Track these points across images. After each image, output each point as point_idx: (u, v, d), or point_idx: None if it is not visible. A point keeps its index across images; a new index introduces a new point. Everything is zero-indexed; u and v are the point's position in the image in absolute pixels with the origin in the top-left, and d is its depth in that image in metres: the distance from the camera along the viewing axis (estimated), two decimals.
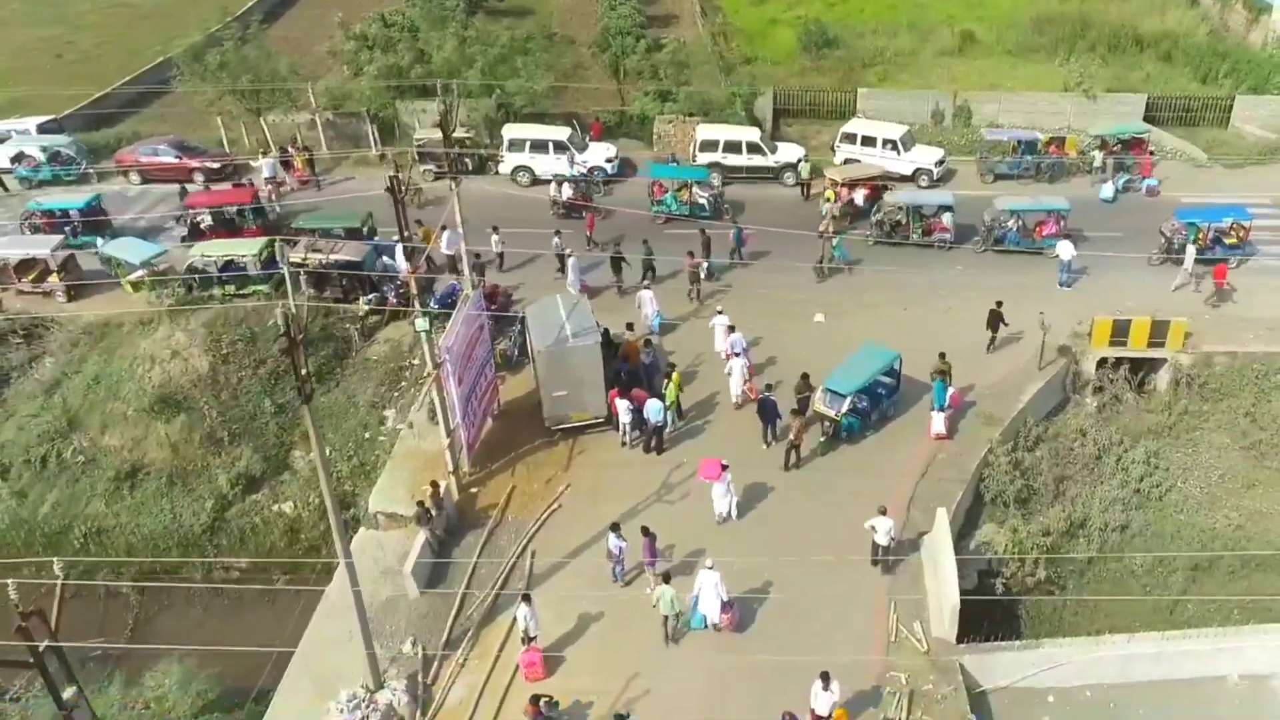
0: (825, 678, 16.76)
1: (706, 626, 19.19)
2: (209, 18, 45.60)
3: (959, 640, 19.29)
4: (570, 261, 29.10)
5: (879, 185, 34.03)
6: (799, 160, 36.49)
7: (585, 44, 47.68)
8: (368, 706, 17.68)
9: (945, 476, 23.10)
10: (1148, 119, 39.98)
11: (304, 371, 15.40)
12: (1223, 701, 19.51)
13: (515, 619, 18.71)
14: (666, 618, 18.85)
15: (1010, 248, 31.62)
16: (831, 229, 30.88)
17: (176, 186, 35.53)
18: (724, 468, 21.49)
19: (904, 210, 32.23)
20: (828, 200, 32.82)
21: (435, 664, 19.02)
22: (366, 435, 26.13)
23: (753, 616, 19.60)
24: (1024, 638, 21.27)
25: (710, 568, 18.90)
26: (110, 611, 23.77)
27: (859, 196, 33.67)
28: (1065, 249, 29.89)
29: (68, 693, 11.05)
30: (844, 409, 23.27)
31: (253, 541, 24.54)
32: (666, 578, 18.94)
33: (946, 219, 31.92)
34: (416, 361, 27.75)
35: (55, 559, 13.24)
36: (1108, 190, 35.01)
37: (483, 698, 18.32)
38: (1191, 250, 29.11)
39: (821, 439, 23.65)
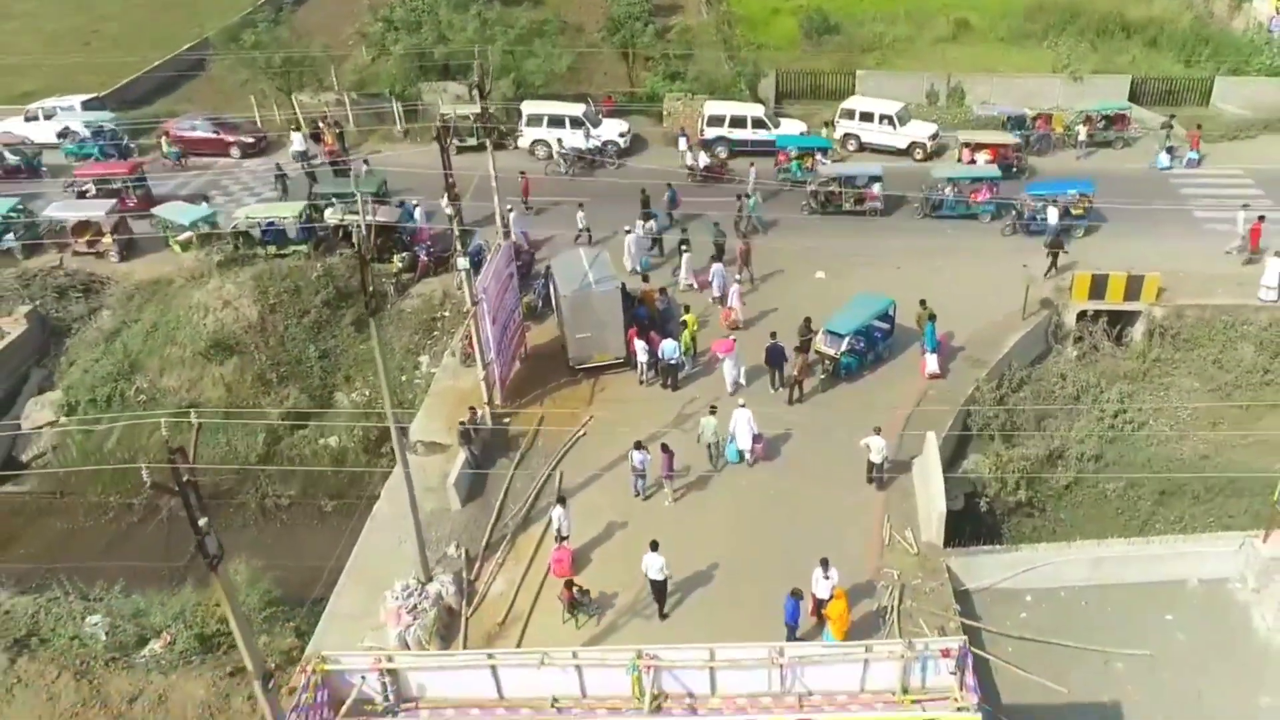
0: (824, 564, 18.92)
1: (740, 460, 22.87)
2: (244, 3, 47.90)
3: (945, 545, 21.57)
4: (512, 215, 31.39)
5: (1004, 150, 36.49)
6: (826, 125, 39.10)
7: (594, 30, 49.97)
8: (420, 595, 19.85)
9: (935, 409, 25.31)
10: (1132, 99, 42.29)
11: (370, 289, 17.49)
12: (1183, 602, 21.58)
13: (550, 519, 20.98)
14: (710, 445, 22.61)
15: (947, 213, 33.94)
16: (751, 188, 33.84)
17: (212, 158, 38.00)
18: (733, 342, 25.41)
19: (837, 181, 34.54)
20: (959, 161, 36.65)
21: (477, 563, 21.28)
22: (403, 378, 28.38)
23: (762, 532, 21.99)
24: None
25: (743, 405, 22.89)
26: (174, 532, 26.06)
27: (981, 159, 36.10)
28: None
29: (202, 521, 13.22)
30: (842, 348, 25.54)
31: (301, 471, 26.76)
32: (712, 410, 23.06)
33: (876, 188, 34.24)
34: (447, 314, 30.09)
35: (191, 409, 15.48)
36: (1164, 159, 37.35)
37: (520, 590, 20.56)
38: (1242, 215, 31.02)
39: (822, 376, 25.90)
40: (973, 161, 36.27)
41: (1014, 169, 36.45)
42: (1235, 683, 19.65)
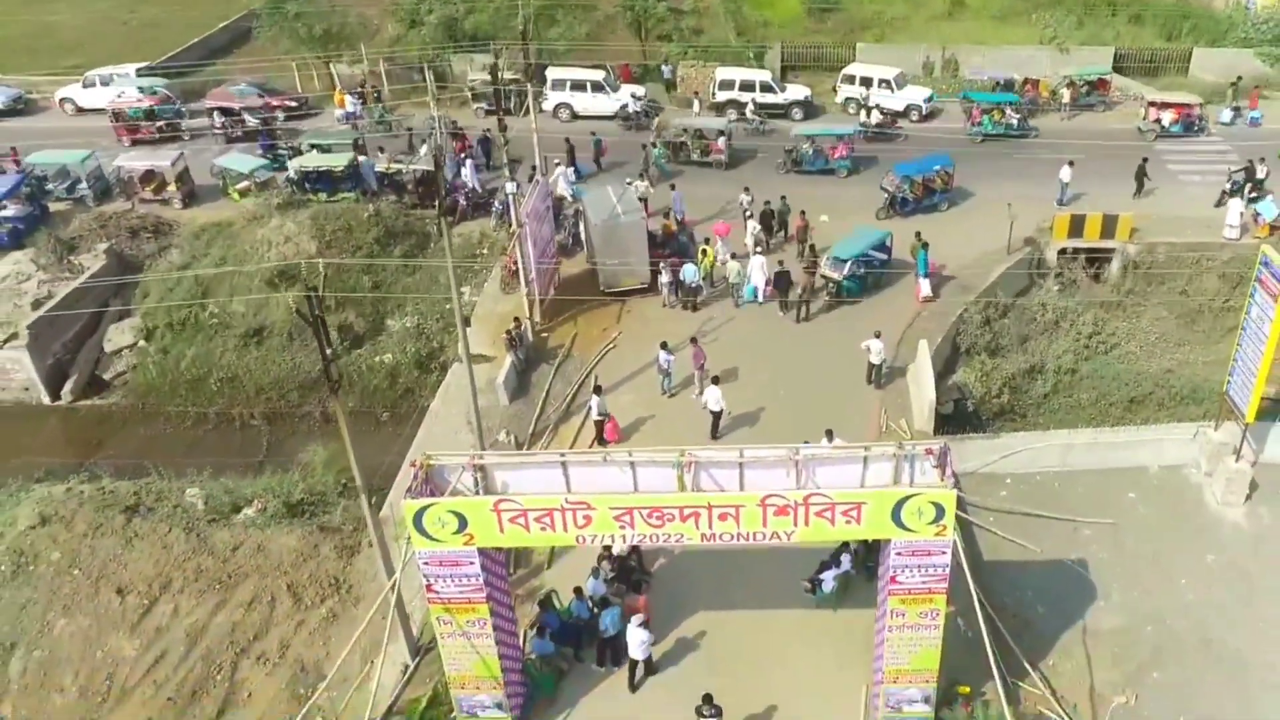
0: (829, 434, 21.85)
1: (756, 299, 27.56)
2: None
3: (935, 434, 24.55)
4: (469, 165, 34.24)
5: (1188, 109, 38.96)
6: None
7: (609, 5, 53.00)
8: None
9: (928, 326, 28.26)
10: (1116, 69, 45.29)
11: (441, 192, 20.55)
12: (1144, 485, 24.44)
13: (590, 408, 23.96)
14: (734, 285, 27.19)
15: (807, 168, 36.74)
16: (654, 139, 37.06)
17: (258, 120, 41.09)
18: (729, 227, 30.06)
19: (687, 133, 37.46)
20: (1143, 119, 39.07)
21: (524, 446, 24.30)
22: (448, 306, 31.31)
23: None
24: None
25: (759, 252, 27.94)
26: (247, 438, 29.22)
27: (1166, 118, 38.72)
28: (1065, 172, 34.45)
29: (328, 352, 16.25)
30: (845, 273, 28.56)
31: (359, 385, 29.84)
32: (733, 255, 28.57)
33: (721, 142, 37.11)
34: (485, 250, 33.12)
35: (320, 259, 18.47)
36: (1227, 115, 40.04)
37: None
38: None
39: (826, 298, 28.91)
40: (1158, 120, 38.53)
41: (1196, 128, 38.93)
42: (1187, 545, 22.59)
